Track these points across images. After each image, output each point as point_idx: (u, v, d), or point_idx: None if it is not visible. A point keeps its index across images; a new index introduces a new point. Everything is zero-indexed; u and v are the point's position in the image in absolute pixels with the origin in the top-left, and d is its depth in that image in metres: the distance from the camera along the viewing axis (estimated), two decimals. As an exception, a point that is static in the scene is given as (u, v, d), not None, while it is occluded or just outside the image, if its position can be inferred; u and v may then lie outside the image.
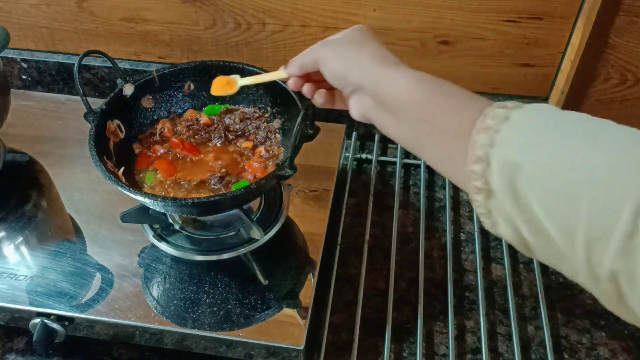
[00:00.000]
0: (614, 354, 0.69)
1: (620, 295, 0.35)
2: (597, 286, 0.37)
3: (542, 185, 0.38)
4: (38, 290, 0.68)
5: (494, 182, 0.41)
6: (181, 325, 0.64)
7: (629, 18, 0.78)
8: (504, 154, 0.41)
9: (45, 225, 0.77)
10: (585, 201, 0.35)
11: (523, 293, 0.75)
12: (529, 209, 0.39)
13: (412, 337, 0.70)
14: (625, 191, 0.34)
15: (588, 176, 0.36)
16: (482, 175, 0.42)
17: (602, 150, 0.37)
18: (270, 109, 0.77)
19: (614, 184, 0.34)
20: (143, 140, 0.75)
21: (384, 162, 0.93)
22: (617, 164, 0.35)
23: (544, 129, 0.40)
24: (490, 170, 0.41)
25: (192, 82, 0.77)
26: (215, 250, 0.71)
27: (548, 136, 0.39)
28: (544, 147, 0.39)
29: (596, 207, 0.35)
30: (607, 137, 0.38)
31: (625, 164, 0.35)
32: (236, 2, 0.87)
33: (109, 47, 0.96)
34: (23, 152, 0.86)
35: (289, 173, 0.61)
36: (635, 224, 0.33)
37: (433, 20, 0.84)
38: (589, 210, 0.35)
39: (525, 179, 0.39)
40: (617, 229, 0.33)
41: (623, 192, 0.34)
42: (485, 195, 0.42)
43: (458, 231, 0.83)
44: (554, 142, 0.39)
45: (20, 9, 0.94)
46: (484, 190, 0.42)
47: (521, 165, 0.39)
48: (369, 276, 0.76)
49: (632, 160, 0.35)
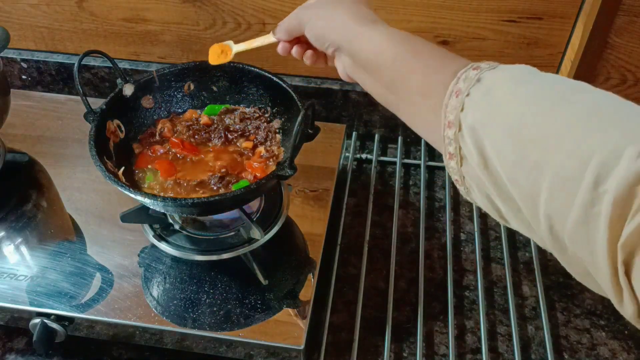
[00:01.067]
0: (614, 354, 0.69)
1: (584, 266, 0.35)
2: (564, 255, 0.36)
3: (507, 150, 0.38)
4: (38, 290, 0.68)
5: (465, 146, 0.41)
6: (181, 325, 0.64)
7: (629, 18, 0.78)
8: (472, 118, 0.40)
9: (45, 225, 0.77)
10: (549, 168, 0.35)
11: (523, 293, 0.75)
12: (497, 174, 0.39)
13: (412, 337, 0.70)
14: (587, 158, 0.33)
15: (552, 142, 0.35)
16: (455, 140, 0.42)
17: (569, 116, 0.36)
18: (270, 109, 0.77)
19: (577, 151, 0.34)
20: (143, 140, 0.75)
21: (384, 162, 0.93)
22: (582, 130, 0.34)
23: (514, 93, 0.39)
24: (461, 135, 0.41)
25: (192, 82, 0.77)
26: (215, 250, 0.71)
27: (517, 100, 0.39)
28: (512, 111, 0.38)
29: (558, 174, 0.34)
30: (577, 102, 0.37)
31: (590, 130, 0.34)
32: (236, 2, 0.87)
33: (108, 47, 0.96)
34: (23, 152, 0.86)
35: (289, 173, 0.61)
36: (596, 192, 0.32)
37: (433, 20, 0.84)
38: (552, 178, 0.34)
39: (491, 143, 0.39)
40: (578, 198, 0.33)
41: (585, 159, 0.33)
42: (458, 160, 0.42)
43: (458, 231, 0.83)
44: (522, 107, 0.38)
45: (20, 9, 0.94)
46: (457, 156, 0.42)
47: (488, 130, 0.39)
48: (369, 276, 0.76)
49: (598, 127, 0.34)
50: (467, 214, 0.85)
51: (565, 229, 0.34)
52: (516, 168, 0.37)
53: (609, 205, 0.31)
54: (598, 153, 0.32)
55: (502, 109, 0.39)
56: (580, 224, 0.33)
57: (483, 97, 0.40)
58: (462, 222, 0.84)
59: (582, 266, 0.36)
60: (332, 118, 0.95)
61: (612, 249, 0.32)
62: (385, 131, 0.96)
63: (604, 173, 0.32)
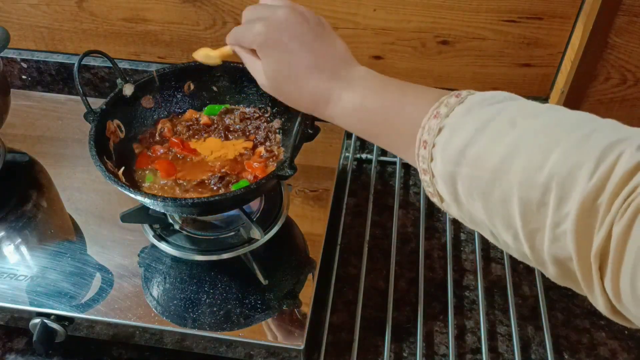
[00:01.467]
0: (614, 354, 0.69)
1: (568, 274, 0.37)
2: (546, 269, 0.39)
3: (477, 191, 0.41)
4: (38, 290, 0.68)
5: (441, 191, 0.45)
6: (181, 325, 0.64)
7: (629, 18, 0.78)
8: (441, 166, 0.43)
9: (45, 225, 0.77)
10: (516, 199, 0.37)
11: (523, 293, 0.75)
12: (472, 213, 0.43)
13: (412, 337, 0.70)
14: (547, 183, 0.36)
15: (514, 176, 0.38)
16: (431, 184, 0.46)
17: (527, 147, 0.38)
18: (270, 109, 0.77)
19: (537, 178, 0.36)
20: (143, 140, 0.75)
21: (384, 162, 0.93)
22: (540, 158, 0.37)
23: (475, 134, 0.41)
24: (435, 181, 0.45)
25: (192, 82, 0.77)
26: (215, 250, 0.71)
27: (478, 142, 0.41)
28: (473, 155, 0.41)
29: (525, 203, 0.37)
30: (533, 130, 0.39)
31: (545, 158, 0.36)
32: (236, 2, 0.87)
33: (108, 47, 0.96)
34: (23, 152, 0.86)
35: (289, 173, 0.61)
36: (559, 214, 0.35)
37: (433, 20, 0.84)
38: (522, 208, 0.37)
39: (462, 188, 0.42)
40: (547, 220, 0.36)
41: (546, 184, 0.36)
42: (438, 199, 0.46)
43: (458, 231, 0.83)
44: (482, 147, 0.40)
45: (20, 9, 0.94)
46: (436, 195, 0.46)
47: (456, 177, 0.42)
48: (369, 276, 0.76)
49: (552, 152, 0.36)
50: (467, 214, 0.85)
51: (543, 248, 0.37)
52: (487, 205, 0.40)
53: (572, 225, 0.34)
54: (557, 175, 0.35)
55: (463, 152, 0.41)
56: (552, 242, 0.36)
57: (446, 146, 0.43)
58: (462, 222, 0.84)
59: (563, 277, 0.39)
60: (332, 118, 0.94)
61: (584, 262, 0.35)
62: (385, 131, 0.96)
63: (565, 195, 0.35)
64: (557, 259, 0.37)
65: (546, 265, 0.38)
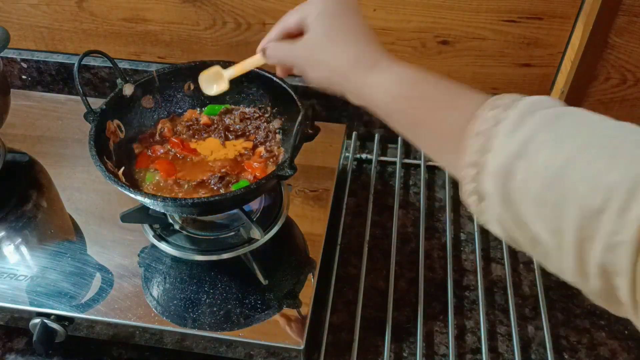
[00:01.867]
0: (613, 354, 0.69)
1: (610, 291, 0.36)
2: (586, 283, 0.37)
3: (533, 191, 0.38)
4: (38, 290, 0.68)
5: (486, 188, 0.41)
6: (181, 325, 0.64)
7: (629, 18, 0.78)
8: (496, 161, 0.40)
9: (45, 225, 0.77)
10: (573, 204, 0.35)
11: (523, 293, 0.75)
12: (520, 213, 0.40)
13: (412, 337, 0.70)
14: (609, 191, 0.34)
15: (575, 180, 0.36)
16: (475, 180, 0.42)
17: (591, 152, 0.36)
18: (270, 109, 0.77)
19: (599, 184, 0.34)
20: (143, 140, 0.75)
21: (384, 162, 0.93)
22: (604, 165, 0.35)
23: (537, 132, 0.39)
24: (482, 177, 0.41)
25: (192, 82, 0.77)
26: (215, 250, 0.71)
27: (540, 139, 0.39)
28: (534, 151, 0.38)
29: (582, 207, 0.35)
30: (598, 137, 0.37)
31: (610, 164, 0.35)
32: (236, 2, 0.87)
33: (108, 47, 0.96)
34: (23, 152, 0.86)
35: (289, 173, 0.61)
36: (619, 222, 0.33)
37: (433, 20, 0.84)
38: (578, 212, 0.35)
39: (516, 185, 0.39)
40: (604, 228, 0.34)
41: (608, 191, 0.34)
42: (478, 198, 0.43)
43: (458, 231, 0.83)
44: (545, 146, 0.38)
45: (20, 9, 0.94)
46: (477, 193, 0.42)
47: (513, 171, 0.39)
48: (369, 276, 0.76)
49: (618, 159, 0.35)
50: (467, 214, 0.85)
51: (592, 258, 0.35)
52: (539, 206, 0.38)
53: (632, 235, 0.32)
54: (622, 182, 0.33)
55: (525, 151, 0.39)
56: (605, 251, 0.34)
57: (505, 140, 0.40)
58: (462, 222, 0.84)
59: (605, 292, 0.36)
60: (332, 118, 0.94)
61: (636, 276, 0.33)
62: (385, 131, 0.96)
63: (628, 204, 0.33)
64: (604, 272, 0.35)
65: (588, 278, 0.36)
